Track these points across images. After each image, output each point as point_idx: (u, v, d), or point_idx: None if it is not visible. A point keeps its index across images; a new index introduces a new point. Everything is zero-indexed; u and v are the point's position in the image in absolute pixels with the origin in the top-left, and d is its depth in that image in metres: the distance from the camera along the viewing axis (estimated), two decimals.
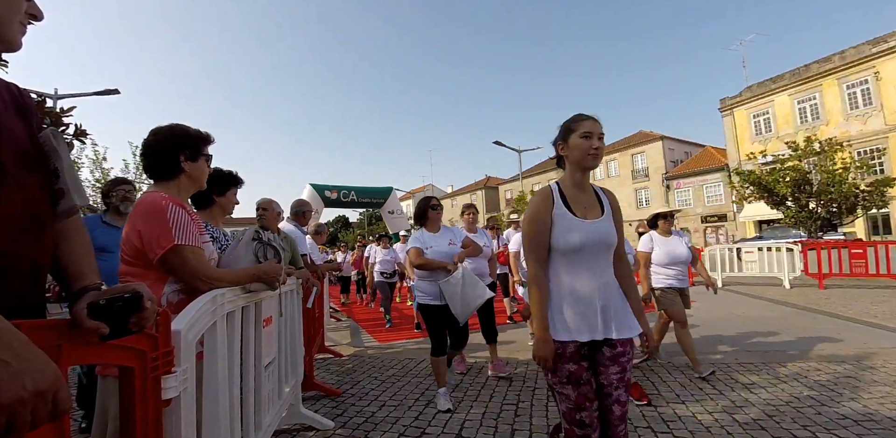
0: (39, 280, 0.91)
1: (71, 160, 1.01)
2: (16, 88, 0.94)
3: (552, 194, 1.67)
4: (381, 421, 2.85)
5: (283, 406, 2.51)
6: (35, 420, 0.59)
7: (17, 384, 0.56)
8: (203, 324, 1.37)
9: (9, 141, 0.84)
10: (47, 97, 10.79)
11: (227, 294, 1.57)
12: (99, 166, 13.78)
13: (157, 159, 1.60)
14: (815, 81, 24.13)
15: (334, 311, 8.14)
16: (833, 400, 2.90)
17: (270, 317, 2.25)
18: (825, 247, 8.86)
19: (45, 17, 0.92)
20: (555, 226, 1.61)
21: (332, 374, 4.05)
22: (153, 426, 1.06)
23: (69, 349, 0.80)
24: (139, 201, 1.54)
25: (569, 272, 1.61)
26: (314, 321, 4.05)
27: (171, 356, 1.14)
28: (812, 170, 14.32)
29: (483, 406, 3.07)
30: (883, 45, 21.29)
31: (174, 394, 1.14)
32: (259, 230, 1.97)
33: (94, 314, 0.82)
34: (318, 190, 14.14)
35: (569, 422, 1.56)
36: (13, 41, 0.85)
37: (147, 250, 1.45)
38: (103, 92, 12.80)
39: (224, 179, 2.17)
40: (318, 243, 6.51)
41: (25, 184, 0.86)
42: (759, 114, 26.70)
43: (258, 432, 1.95)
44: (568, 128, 1.66)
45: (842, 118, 22.98)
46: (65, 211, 0.98)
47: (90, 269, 0.99)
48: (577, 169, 1.68)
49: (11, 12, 0.83)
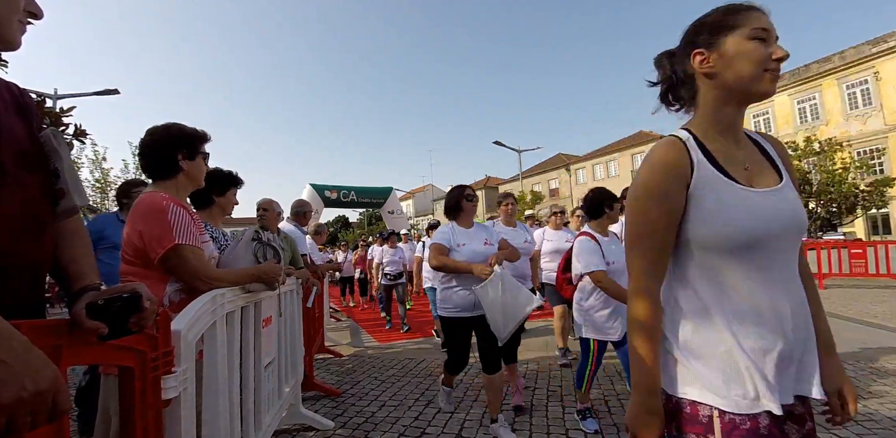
0: (39, 280, 0.91)
1: (71, 160, 1.01)
2: (16, 88, 0.93)
3: (686, 149, 0.91)
4: (381, 421, 2.84)
5: (282, 406, 2.51)
6: (35, 421, 0.59)
7: (16, 384, 0.56)
8: (203, 324, 1.37)
9: (9, 141, 0.83)
10: (47, 97, 10.79)
11: (226, 294, 1.57)
12: (98, 166, 13.74)
13: (154, 159, 1.61)
14: (814, 81, 24.18)
15: (334, 311, 8.14)
16: None
17: (270, 317, 2.25)
18: (825, 247, 8.86)
19: (45, 17, 0.91)
20: (697, 203, 0.88)
21: (332, 374, 4.05)
22: (153, 426, 1.06)
23: (69, 349, 0.79)
24: (139, 201, 1.54)
25: (736, 285, 0.87)
26: (314, 321, 4.05)
27: (170, 357, 1.14)
28: (812, 170, 14.36)
29: (483, 406, 3.06)
30: (883, 46, 21.32)
31: (174, 394, 1.14)
32: (259, 231, 1.97)
33: (93, 314, 0.82)
34: (318, 190, 14.14)
35: None
36: (13, 40, 0.84)
37: (148, 249, 1.45)
38: (103, 92, 12.78)
39: (224, 179, 2.17)
40: (317, 243, 6.51)
41: (26, 184, 0.86)
42: (759, 114, 26.73)
43: (258, 432, 1.95)
44: (721, 23, 0.90)
45: (841, 118, 23.01)
46: (65, 211, 0.98)
47: (90, 269, 0.99)
48: (731, 100, 0.92)
49: (10, 11, 0.82)
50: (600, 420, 2.73)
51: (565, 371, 3.74)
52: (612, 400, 3.09)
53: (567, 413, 2.86)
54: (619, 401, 3.06)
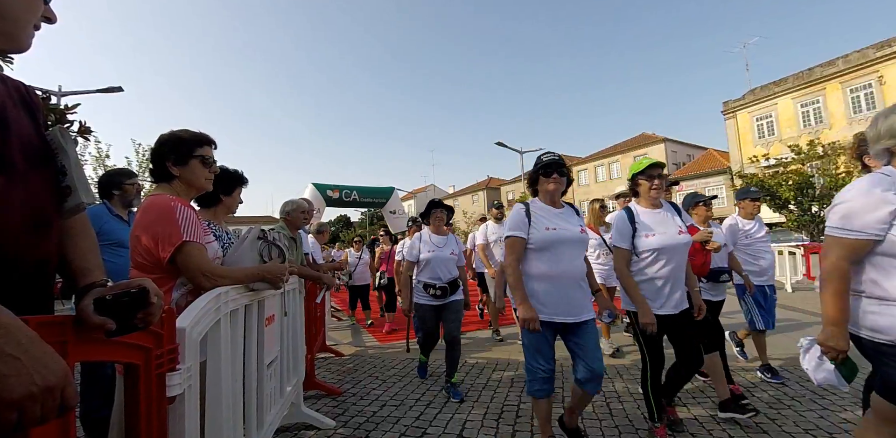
0: (47, 276, 0.91)
1: (78, 158, 1.01)
2: (23, 87, 0.94)
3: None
4: (383, 421, 2.84)
5: (284, 405, 2.51)
6: (43, 416, 0.59)
7: (26, 379, 0.57)
8: (207, 322, 1.37)
9: (17, 138, 0.84)
10: (51, 94, 10.82)
11: (230, 292, 1.57)
12: (102, 164, 13.77)
13: (152, 165, 1.70)
14: (818, 84, 24.09)
15: (335, 310, 8.15)
16: (835, 404, 2.90)
17: (273, 316, 2.25)
18: None
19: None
20: None
21: (333, 373, 4.05)
22: (157, 422, 1.06)
23: (75, 345, 0.80)
24: (149, 204, 1.56)
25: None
26: (315, 320, 4.06)
27: (175, 354, 1.14)
28: (815, 174, 14.30)
29: (484, 406, 3.06)
30: (887, 50, 21.24)
31: (178, 391, 1.14)
32: (264, 230, 1.98)
33: (100, 309, 0.82)
34: (320, 189, 14.14)
35: None
36: (25, 43, 0.86)
37: (160, 249, 1.48)
38: (107, 89, 12.83)
39: (231, 178, 2.18)
40: (320, 242, 6.52)
41: (33, 181, 0.86)
42: (762, 117, 26.66)
43: (260, 430, 1.95)
44: None
45: (845, 122, 22.91)
46: (72, 209, 0.98)
47: (96, 265, 0.99)
48: None
49: (30, 14, 0.84)
50: (601, 421, 2.72)
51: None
52: (613, 401, 3.08)
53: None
54: (620, 402, 3.05)
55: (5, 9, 0.80)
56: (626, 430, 2.62)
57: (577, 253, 2.30)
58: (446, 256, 3.55)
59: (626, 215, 2.51)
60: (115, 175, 2.76)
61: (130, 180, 2.73)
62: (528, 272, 2.27)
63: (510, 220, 2.36)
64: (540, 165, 2.35)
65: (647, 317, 2.32)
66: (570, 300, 2.21)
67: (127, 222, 2.60)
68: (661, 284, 2.41)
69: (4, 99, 0.84)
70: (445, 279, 3.52)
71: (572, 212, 2.43)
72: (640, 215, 2.50)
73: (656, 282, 2.41)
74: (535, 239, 2.24)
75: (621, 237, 2.48)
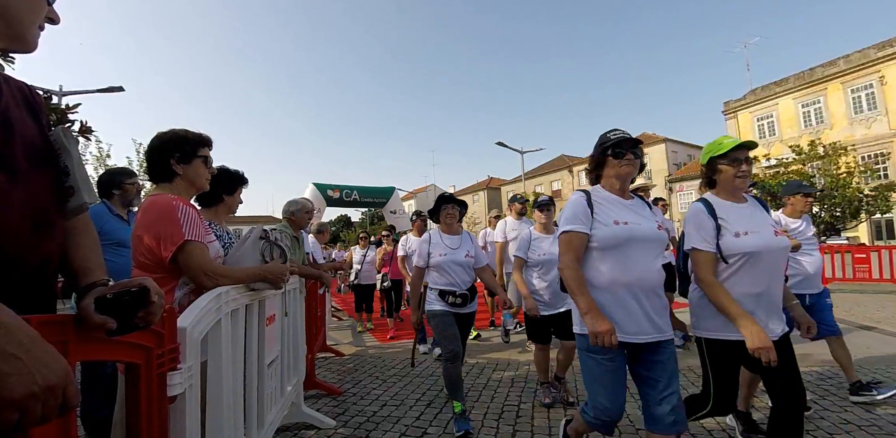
0: (48, 276, 0.92)
1: (81, 158, 1.02)
2: (26, 87, 0.94)
3: None
4: (383, 421, 2.85)
5: (285, 405, 2.51)
6: (45, 415, 0.59)
7: (28, 379, 0.57)
8: (208, 321, 1.37)
9: (21, 139, 0.84)
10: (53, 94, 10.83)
11: (231, 292, 1.57)
12: (103, 164, 13.78)
13: (152, 163, 1.67)
14: (819, 84, 24.06)
15: (336, 310, 8.15)
16: (836, 405, 2.89)
17: (273, 315, 2.26)
18: (828, 252, 8.83)
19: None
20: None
21: (334, 373, 4.05)
22: (158, 422, 1.06)
23: (76, 345, 0.80)
24: (150, 204, 1.56)
25: None
26: (316, 319, 4.06)
27: (176, 353, 1.14)
28: (816, 174, 14.27)
29: (484, 407, 3.06)
30: (888, 50, 21.21)
31: (179, 391, 1.14)
32: (266, 230, 1.98)
33: (101, 308, 0.82)
34: (321, 189, 14.14)
35: None
36: (31, 43, 0.88)
37: (162, 248, 1.48)
38: (108, 89, 12.84)
39: (234, 178, 2.19)
40: (320, 242, 6.52)
41: (36, 181, 0.86)
42: (763, 117, 26.64)
43: (261, 429, 1.95)
44: None
45: (846, 122, 22.89)
46: (74, 209, 0.98)
47: (97, 265, 0.99)
48: None
49: (35, 15, 0.86)
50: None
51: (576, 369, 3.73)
52: None
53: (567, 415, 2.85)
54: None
55: (11, 11, 0.82)
56: (627, 430, 2.62)
57: (654, 255, 1.81)
58: (461, 258, 3.02)
59: (703, 206, 1.89)
60: (116, 175, 2.75)
61: (131, 180, 2.72)
62: (589, 280, 1.80)
63: (567, 210, 1.88)
64: (608, 143, 1.85)
65: (760, 340, 1.62)
66: (644, 315, 1.74)
67: (127, 221, 2.60)
68: (752, 303, 1.77)
69: (7, 99, 0.85)
70: (465, 285, 3.02)
71: (643, 205, 1.93)
72: (722, 209, 1.87)
73: (746, 301, 1.76)
74: (600, 236, 1.78)
75: (701, 236, 1.84)
